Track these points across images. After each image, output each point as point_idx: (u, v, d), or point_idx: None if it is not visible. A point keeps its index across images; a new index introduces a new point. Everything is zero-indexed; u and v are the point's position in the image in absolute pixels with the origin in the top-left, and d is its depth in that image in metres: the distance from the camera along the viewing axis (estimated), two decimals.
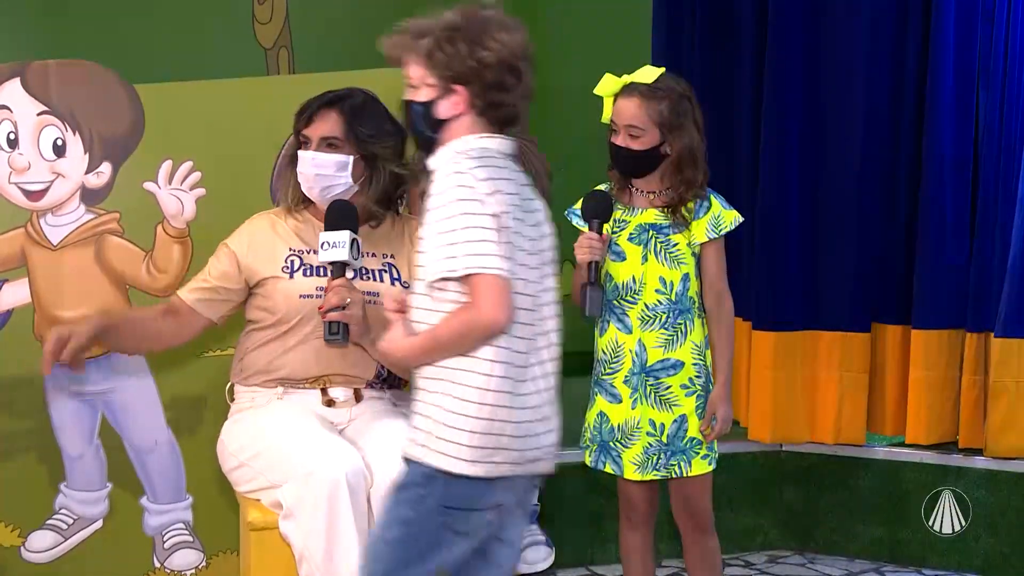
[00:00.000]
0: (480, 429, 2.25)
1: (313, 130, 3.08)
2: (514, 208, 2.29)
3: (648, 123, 3.03)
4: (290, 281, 3.06)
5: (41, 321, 3.65)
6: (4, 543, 3.65)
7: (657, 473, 3.09)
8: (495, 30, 2.33)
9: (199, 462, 3.70)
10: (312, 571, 2.75)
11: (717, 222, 3.10)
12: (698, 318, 3.12)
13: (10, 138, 3.64)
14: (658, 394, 3.08)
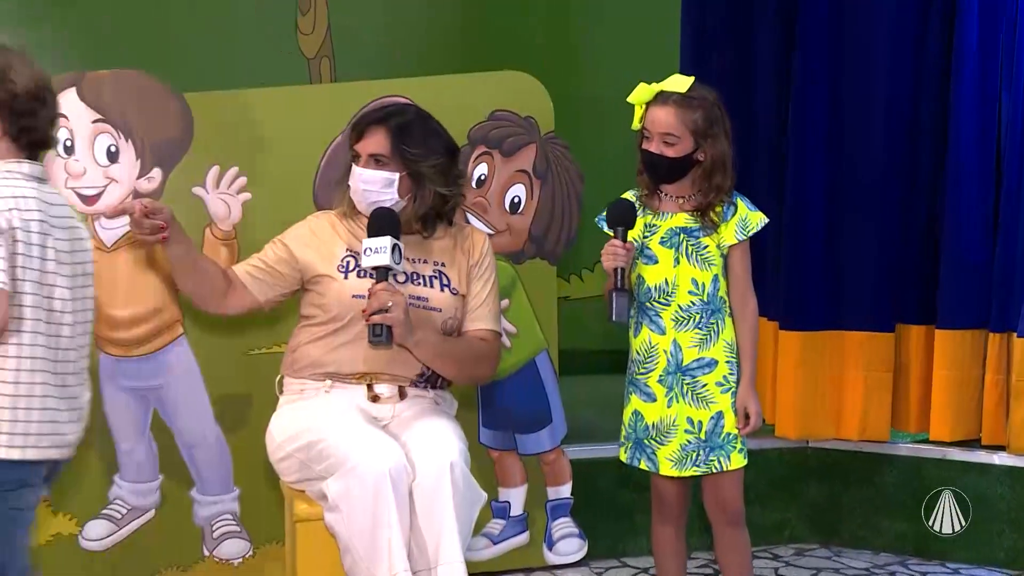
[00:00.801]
0: (8, 418, 2.48)
1: (363, 146, 3.08)
2: (39, 224, 2.50)
3: (683, 131, 3.02)
4: (344, 281, 3.06)
5: (96, 320, 3.67)
6: (63, 531, 3.68)
7: (697, 469, 3.08)
8: (18, 65, 2.60)
9: (246, 456, 3.73)
10: (355, 562, 2.76)
11: (745, 224, 3.09)
12: (728, 317, 3.11)
13: (67, 145, 3.67)
14: (695, 392, 3.07)
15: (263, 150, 3.78)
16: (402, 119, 3.10)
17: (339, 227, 3.17)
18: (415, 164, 3.06)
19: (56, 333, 2.59)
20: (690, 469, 3.09)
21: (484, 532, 4.04)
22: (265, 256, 3.14)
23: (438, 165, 3.09)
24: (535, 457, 4.10)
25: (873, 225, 4.32)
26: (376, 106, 3.21)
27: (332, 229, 3.17)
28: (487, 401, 4.04)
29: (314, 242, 3.15)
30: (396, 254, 2.92)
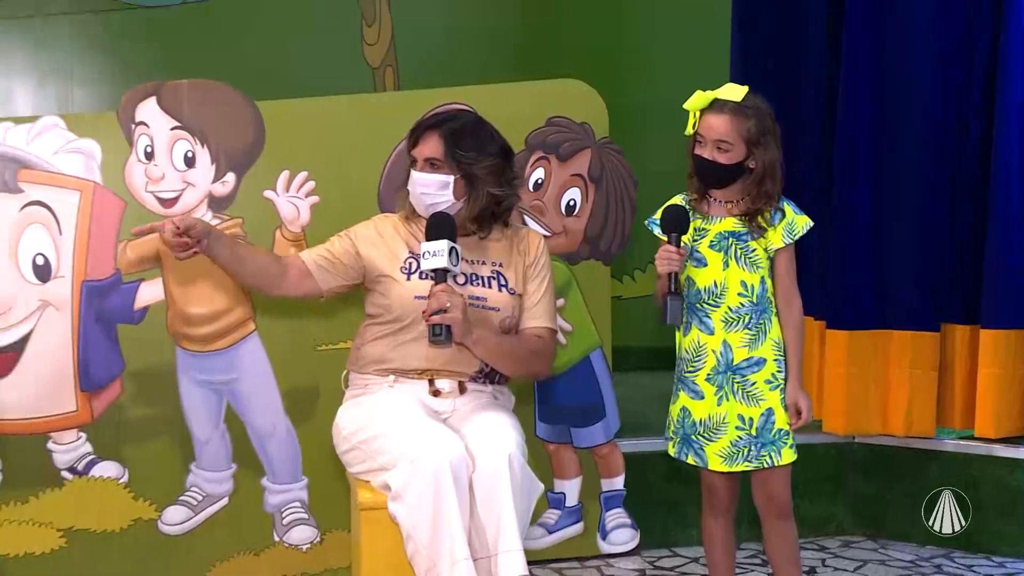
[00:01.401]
0: None
1: (419, 151, 3.10)
2: None
3: (736, 139, 2.99)
4: (407, 283, 3.07)
5: (173, 317, 3.72)
6: (143, 516, 3.72)
7: (748, 464, 3.06)
8: None
9: (314, 446, 3.76)
10: (417, 550, 2.77)
11: (791, 228, 3.07)
12: (775, 317, 3.09)
13: (147, 151, 3.72)
14: (745, 390, 3.05)
15: (330, 156, 3.81)
16: (455, 124, 3.11)
17: (401, 229, 3.19)
18: (468, 167, 3.06)
19: None
20: (741, 464, 3.07)
21: (540, 522, 4.05)
22: (332, 247, 3.16)
23: (491, 167, 3.09)
24: (589, 450, 4.10)
25: (919, 226, 4.27)
26: (432, 112, 3.22)
27: (395, 231, 3.18)
28: (543, 396, 4.05)
29: (379, 242, 3.16)
30: (453, 257, 2.92)
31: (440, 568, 2.73)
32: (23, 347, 3.62)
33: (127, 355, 3.70)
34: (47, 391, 3.63)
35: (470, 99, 3.92)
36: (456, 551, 2.72)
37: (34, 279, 3.63)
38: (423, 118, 3.18)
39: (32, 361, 3.62)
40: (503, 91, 4.11)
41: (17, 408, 3.61)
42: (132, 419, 3.71)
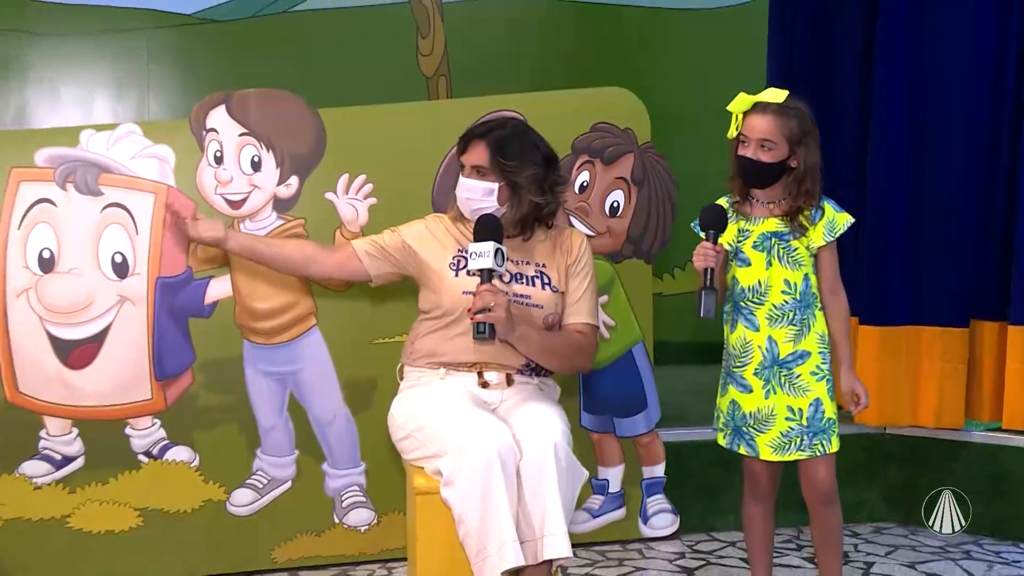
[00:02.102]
0: None
1: (466, 158, 3.09)
2: None
3: (780, 138, 2.96)
4: (455, 279, 3.07)
5: (241, 311, 3.75)
6: (212, 498, 3.75)
7: (801, 453, 3.02)
8: None
9: (371, 433, 3.77)
10: (468, 533, 2.77)
11: (832, 226, 3.03)
12: (819, 311, 3.05)
13: (216, 156, 3.74)
14: (791, 382, 3.01)
15: (387, 160, 3.82)
16: (502, 133, 3.08)
17: (452, 229, 3.18)
18: (512, 175, 3.05)
19: None
20: (794, 453, 3.03)
21: (585, 507, 4.04)
22: (382, 239, 3.17)
23: (533, 175, 3.06)
24: (631, 439, 4.08)
25: (950, 228, 4.23)
26: (480, 121, 3.21)
27: (446, 230, 3.18)
28: (588, 388, 4.04)
29: (429, 239, 3.16)
30: (499, 257, 2.91)
31: (489, 550, 2.73)
32: (103, 339, 3.66)
33: (198, 347, 3.73)
34: (125, 380, 3.67)
35: (519, 106, 3.91)
36: (504, 534, 2.72)
37: (113, 276, 3.66)
38: (473, 126, 3.17)
39: (111, 352, 3.66)
40: (550, 98, 4.11)
41: (98, 396, 3.65)
42: (202, 407, 3.74)
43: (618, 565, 3.87)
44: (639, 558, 3.95)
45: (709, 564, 3.88)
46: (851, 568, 3.81)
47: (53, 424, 3.64)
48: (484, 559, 2.74)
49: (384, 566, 3.85)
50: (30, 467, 3.63)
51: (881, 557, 3.94)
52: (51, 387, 3.62)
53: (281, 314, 3.77)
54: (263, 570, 3.80)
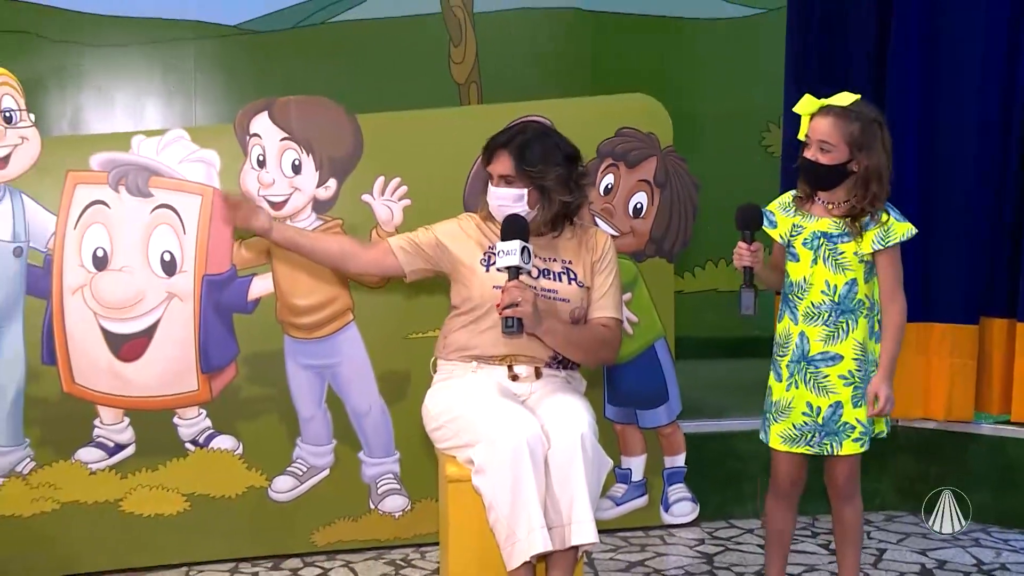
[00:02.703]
0: None
1: (492, 168, 3.07)
2: None
3: (839, 140, 2.87)
4: (486, 273, 3.06)
5: (282, 308, 3.76)
6: (255, 484, 3.77)
7: (809, 449, 2.98)
8: None
9: (405, 424, 3.77)
10: (498, 519, 2.77)
11: (886, 235, 2.92)
12: (865, 319, 2.95)
13: (259, 159, 3.76)
14: (816, 381, 2.95)
15: (421, 163, 3.82)
16: (522, 139, 3.05)
17: (482, 227, 3.18)
18: (539, 179, 3.03)
19: None
20: (802, 447, 2.99)
21: (608, 495, 4.03)
22: (416, 236, 3.16)
23: (558, 176, 3.04)
24: (653, 430, 4.07)
25: (961, 227, 4.19)
26: (501, 130, 3.15)
27: (477, 228, 3.18)
28: (612, 381, 4.03)
29: (460, 236, 3.15)
30: (525, 255, 2.90)
31: (518, 535, 2.73)
32: (152, 333, 3.68)
33: (241, 341, 3.74)
34: (172, 372, 3.69)
35: (547, 112, 3.91)
36: (532, 520, 2.72)
37: (162, 273, 3.69)
38: (494, 137, 3.12)
39: (160, 346, 3.68)
40: (577, 104, 4.10)
41: (147, 387, 3.68)
42: (246, 398, 3.75)
43: (640, 551, 3.86)
44: (660, 544, 3.94)
45: (727, 550, 3.87)
46: (865, 554, 3.78)
47: (106, 413, 3.67)
48: (513, 544, 2.74)
49: (417, 550, 3.86)
50: (85, 454, 3.66)
51: (893, 544, 3.92)
52: (104, 378, 3.65)
53: (320, 310, 3.78)
54: (303, 553, 3.81)
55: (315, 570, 3.69)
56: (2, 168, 3.59)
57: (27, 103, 3.64)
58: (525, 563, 2.74)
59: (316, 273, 3.75)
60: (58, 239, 3.62)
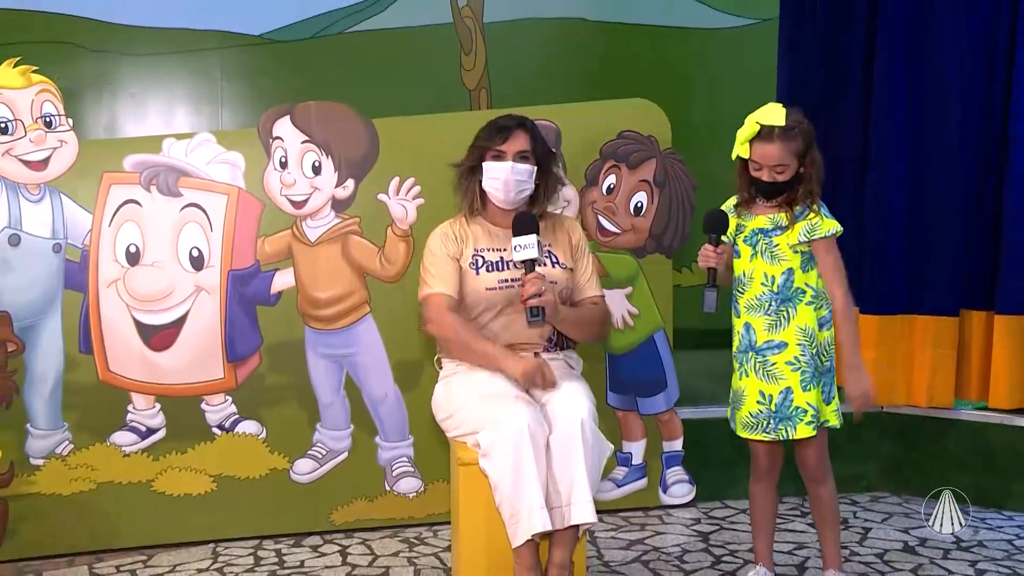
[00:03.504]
0: None
1: (509, 146, 3.02)
2: None
3: (791, 159, 2.89)
4: (477, 276, 3.03)
5: (302, 300, 3.77)
6: (277, 466, 3.79)
7: (766, 435, 2.98)
8: None
9: (418, 410, 3.78)
10: (503, 498, 2.78)
11: (812, 228, 2.93)
12: (807, 306, 2.95)
13: (282, 161, 3.76)
14: (765, 369, 2.96)
15: (434, 165, 3.79)
16: (530, 122, 3.08)
17: (461, 232, 3.08)
18: (544, 158, 3.06)
19: None
20: (759, 435, 2.99)
21: (610, 477, 4.03)
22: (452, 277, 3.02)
23: (552, 156, 3.10)
24: (653, 417, 4.07)
25: (943, 226, 4.18)
26: (505, 114, 3.13)
27: (457, 237, 3.07)
28: (614, 370, 4.03)
29: (456, 247, 3.06)
30: (539, 248, 2.91)
31: (521, 514, 2.74)
32: (181, 325, 3.69)
33: (264, 332, 3.76)
34: (200, 361, 3.70)
35: (553, 116, 3.91)
36: (534, 500, 2.73)
37: (190, 268, 3.70)
38: (503, 119, 3.08)
39: (188, 336, 3.69)
40: (581, 108, 4.09)
41: (177, 375, 3.69)
42: (268, 386, 3.77)
43: (640, 529, 3.86)
44: (659, 523, 3.94)
45: (722, 529, 3.86)
46: (850, 533, 3.78)
47: (139, 400, 3.68)
48: (517, 522, 2.75)
49: (430, 529, 3.87)
50: (119, 437, 3.68)
51: (877, 523, 3.91)
52: (137, 367, 3.66)
53: (338, 303, 3.79)
54: (322, 531, 3.83)
55: (334, 547, 3.70)
56: (43, 170, 3.61)
57: (66, 109, 3.65)
58: (528, 541, 2.75)
59: (335, 268, 3.76)
60: (94, 236, 3.63)
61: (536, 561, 2.80)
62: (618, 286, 3.99)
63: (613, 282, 3.98)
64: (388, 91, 5.87)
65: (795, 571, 3.39)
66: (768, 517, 3.17)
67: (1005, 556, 3.54)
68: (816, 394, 2.95)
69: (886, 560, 3.51)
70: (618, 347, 4.02)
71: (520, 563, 2.79)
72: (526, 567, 2.79)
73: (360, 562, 3.53)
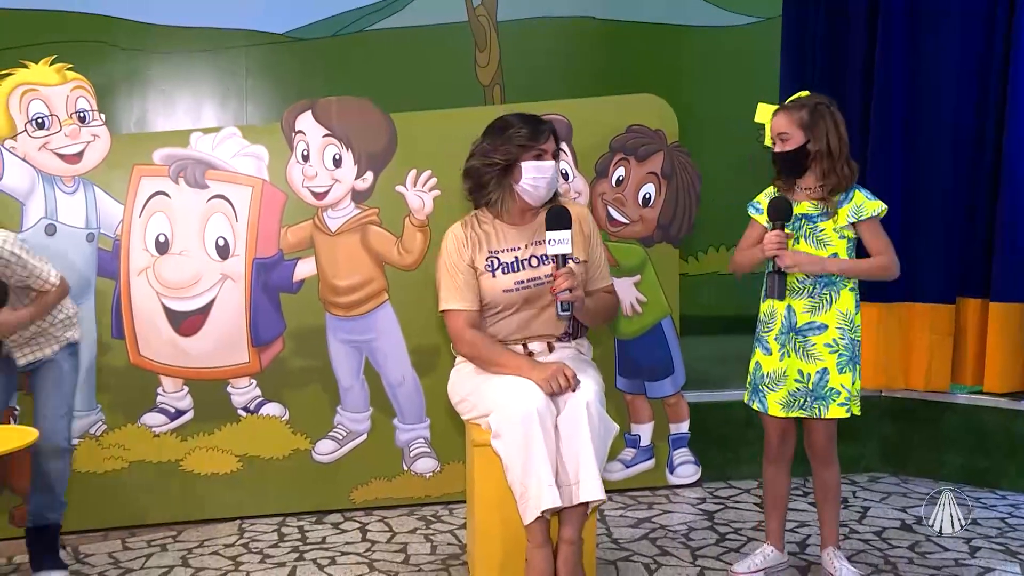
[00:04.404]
0: None
1: (548, 145, 2.97)
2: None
3: (792, 128, 2.90)
4: (493, 279, 2.98)
5: (324, 288, 3.77)
6: (300, 447, 3.80)
7: (802, 412, 2.97)
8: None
9: (435, 394, 3.78)
10: (514, 478, 2.78)
11: (859, 210, 2.91)
12: (849, 292, 2.94)
13: (304, 154, 3.76)
14: (805, 349, 2.94)
15: (450, 158, 3.78)
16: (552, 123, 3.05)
17: (473, 236, 3.01)
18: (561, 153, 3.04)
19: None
20: (796, 412, 2.98)
21: (619, 458, 4.03)
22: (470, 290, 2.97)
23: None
24: (660, 400, 4.06)
25: (939, 217, 4.17)
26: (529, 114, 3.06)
27: (470, 241, 3.01)
28: (622, 356, 4.02)
29: (469, 251, 3.01)
30: (572, 244, 2.87)
31: (531, 492, 2.74)
32: (208, 311, 3.70)
33: (287, 318, 3.76)
34: (226, 346, 3.71)
35: (564, 111, 3.89)
36: (543, 478, 2.72)
37: (216, 257, 3.70)
38: (536, 119, 3.01)
39: (215, 322, 3.70)
40: (591, 104, 4.07)
41: (204, 359, 3.70)
42: (291, 369, 3.77)
43: (648, 508, 3.86)
44: (666, 502, 3.94)
45: (727, 508, 3.86)
46: (850, 512, 3.77)
47: (168, 382, 3.69)
48: (527, 500, 2.75)
49: (446, 507, 3.88)
50: (149, 418, 3.69)
51: (876, 503, 3.90)
52: (166, 351, 3.68)
53: (358, 290, 3.79)
54: (343, 509, 3.84)
55: (354, 524, 3.71)
56: (77, 162, 3.61)
57: (99, 104, 3.66)
58: (539, 517, 2.75)
59: (354, 256, 3.76)
60: (125, 226, 3.64)
61: (547, 537, 2.79)
62: (627, 274, 3.98)
63: (622, 270, 3.97)
64: (406, 87, 5.86)
65: (796, 548, 3.38)
66: (780, 498, 3.15)
67: (998, 534, 3.53)
68: (851, 377, 2.94)
69: (884, 538, 3.50)
70: (627, 333, 4.01)
71: (532, 539, 2.79)
72: (537, 543, 2.79)
73: (379, 539, 3.54)
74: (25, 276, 3.04)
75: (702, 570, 3.20)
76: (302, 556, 3.37)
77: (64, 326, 3.21)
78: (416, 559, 3.33)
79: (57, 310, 3.18)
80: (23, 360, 3.16)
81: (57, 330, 3.19)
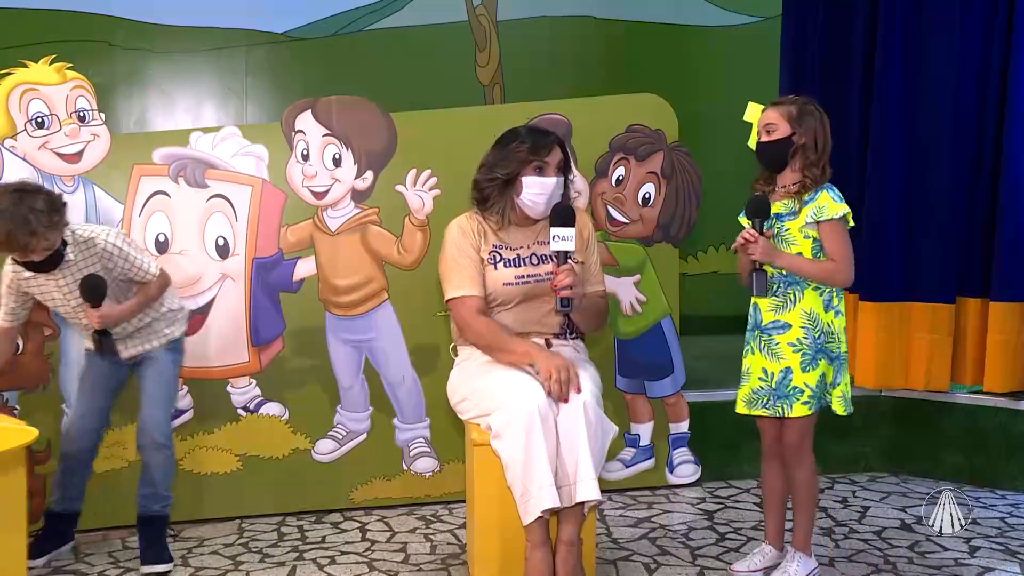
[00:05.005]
0: None
1: (552, 158, 2.95)
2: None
3: (779, 119, 2.90)
4: (495, 271, 2.99)
5: (324, 287, 3.76)
6: (300, 446, 3.79)
7: (765, 411, 2.96)
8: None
9: (435, 393, 3.76)
10: (514, 477, 2.77)
11: (819, 211, 2.89)
12: (813, 291, 2.92)
13: (304, 154, 3.75)
14: (769, 348, 2.94)
15: (449, 157, 3.80)
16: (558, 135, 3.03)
17: (479, 228, 3.02)
18: (567, 167, 3.02)
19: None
20: (759, 410, 2.98)
21: (618, 458, 4.02)
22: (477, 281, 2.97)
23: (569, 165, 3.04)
24: (660, 400, 4.05)
25: (939, 217, 4.15)
26: (540, 127, 3.06)
27: (478, 234, 3.02)
28: (622, 356, 4.01)
29: (474, 244, 3.01)
30: (575, 241, 2.87)
31: (531, 492, 2.73)
32: (208, 311, 3.69)
33: (287, 318, 3.75)
34: (226, 346, 3.71)
35: (564, 110, 3.88)
36: (543, 478, 2.71)
37: (216, 256, 3.69)
38: (541, 132, 3.01)
39: (215, 322, 3.69)
40: (591, 103, 4.06)
41: (204, 358, 3.69)
42: (291, 369, 3.76)
43: (648, 508, 3.85)
44: (666, 502, 3.93)
45: (726, 507, 3.85)
46: (850, 511, 3.76)
47: None
48: (527, 500, 2.74)
49: (446, 506, 3.87)
50: None
51: (876, 502, 3.89)
52: None
53: (358, 290, 3.78)
54: (343, 508, 3.83)
55: (354, 524, 3.70)
56: (76, 162, 3.60)
57: (99, 104, 3.65)
58: (538, 517, 2.74)
59: (354, 256, 3.75)
60: (125, 225, 3.63)
61: (546, 537, 2.79)
62: (627, 274, 3.97)
63: (622, 270, 3.96)
64: (406, 86, 5.86)
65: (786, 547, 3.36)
66: (777, 496, 3.13)
67: (998, 533, 3.52)
68: (815, 376, 2.92)
69: (884, 537, 3.49)
70: (626, 333, 4.00)
71: (531, 539, 2.78)
72: (537, 543, 2.78)
73: (379, 538, 3.53)
74: (127, 269, 3.14)
75: (702, 570, 3.19)
76: (302, 556, 3.36)
77: (167, 321, 3.29)
78: (416, 559, 3.32)
79: (159, 303, 3.27)
80: (126, 353, 3.26)
81: (160, 324, 3.28)
